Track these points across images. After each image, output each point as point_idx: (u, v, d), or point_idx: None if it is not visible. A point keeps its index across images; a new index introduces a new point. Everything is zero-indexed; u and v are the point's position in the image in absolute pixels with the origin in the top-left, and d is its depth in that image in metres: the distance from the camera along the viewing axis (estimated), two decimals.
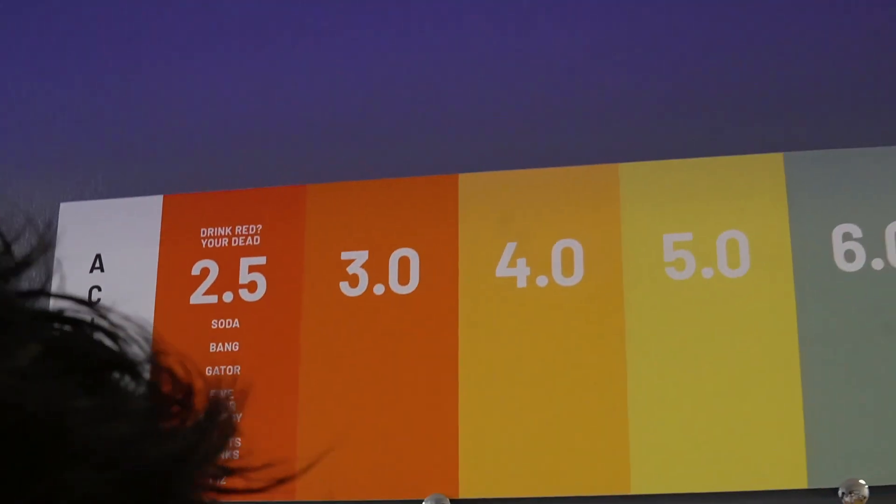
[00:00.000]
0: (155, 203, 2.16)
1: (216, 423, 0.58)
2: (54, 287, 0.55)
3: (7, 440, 0.47)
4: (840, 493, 1.84)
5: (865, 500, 1.82)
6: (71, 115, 2.32)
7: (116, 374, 0.56)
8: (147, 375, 0.57)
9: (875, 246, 1.92)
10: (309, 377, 2.00)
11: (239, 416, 0.58)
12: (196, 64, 2.31)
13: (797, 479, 1.85)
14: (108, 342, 0.57)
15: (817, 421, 1.87)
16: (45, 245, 0.56)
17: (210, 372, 0.58)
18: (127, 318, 0.55)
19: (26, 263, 0.55)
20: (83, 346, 0.57)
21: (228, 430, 0.59)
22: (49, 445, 0.48)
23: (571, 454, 1.90)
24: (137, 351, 0.58)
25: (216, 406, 0.57)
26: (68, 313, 0.56)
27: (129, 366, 0.57)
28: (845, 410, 1.88)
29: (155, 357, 0.58)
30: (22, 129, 2.33)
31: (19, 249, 0.55)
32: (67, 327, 0.55)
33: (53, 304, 0.55)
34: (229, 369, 2.00)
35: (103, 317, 0.56)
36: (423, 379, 1.97)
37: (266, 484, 0.61)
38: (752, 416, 1.89)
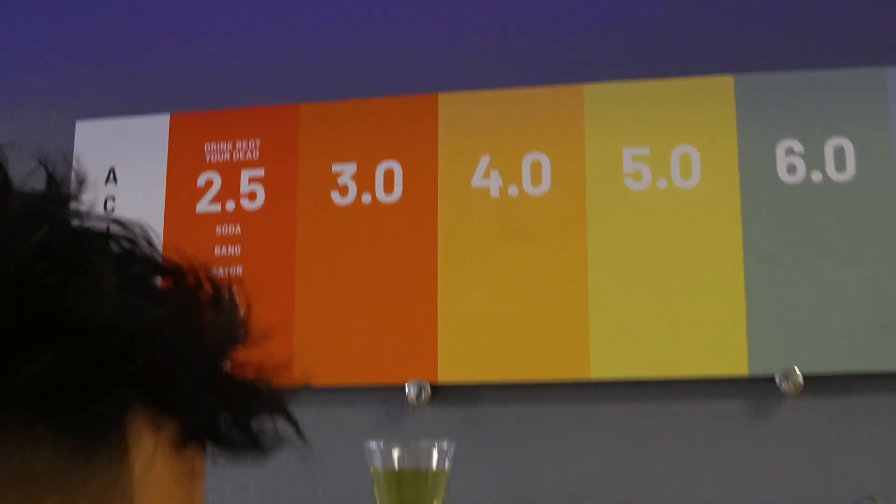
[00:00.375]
0: (162, 121, 2.35)
1: (241, 312, 0.77)
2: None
3: (112, 352, 0.65)
4: (777, 380, 2.05)
5: (801, 387, 2.02)
6: (85, 39, 2.49)
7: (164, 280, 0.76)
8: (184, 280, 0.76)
9: (814, 160, 2.12)
10: (303, 277, 2.20)
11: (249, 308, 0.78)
12: None
13: (738, 367, 2.07)
14: (154, 254, 0.75)
15: (758, 314, 2.08)
16: (82, 179, 0.73)
17: (216, 272, 0.79)
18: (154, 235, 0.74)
19: (75, 197, 0.72)
20: (140, 261, 0.75)
21: (248, 318, 0.79)
22: (142, 351, 0.67)
23: (537, 343, 2.11)
24: (172, 260, 0.77)
25: (235, 299, 0.77)
26: (119, 233, 0.74)
27: (173, 272, 0.76)
28: (783, 305, 2.08)
29: (188, 265, 0.77)
30: (39, 52, 2.50)
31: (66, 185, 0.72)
32: (126, 244, 0.74)
33: (104, 225, 0.73)
34: (232, 270, 2.20)
35: (145, 235, 0.74)
36: (406, 278, 2.17)
37: (285, 362, 0.81)
38: (698, 310, 2.10)
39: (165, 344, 0.67)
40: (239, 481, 2.11)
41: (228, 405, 0.74)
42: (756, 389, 2.08)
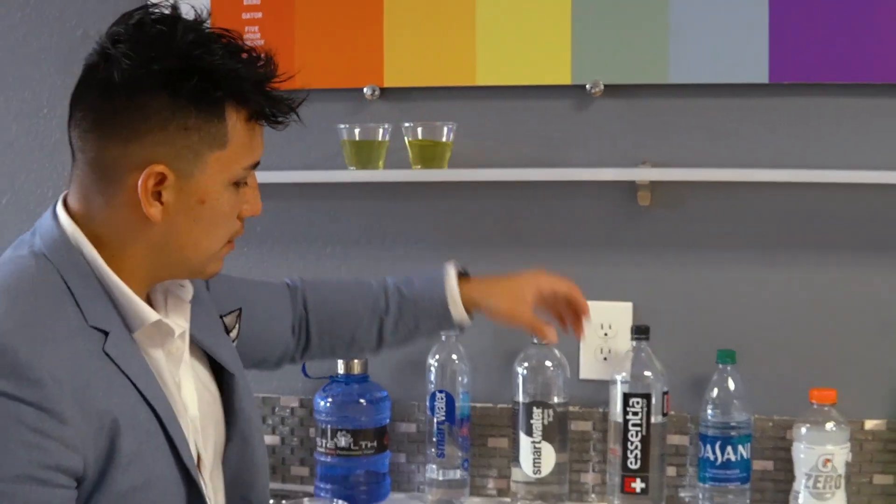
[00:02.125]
0: None
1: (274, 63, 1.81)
2: None
3: (224, 81, 1.74)
4: (588, 87, 3.00)
5: (602, 91, 3.04)
6: None
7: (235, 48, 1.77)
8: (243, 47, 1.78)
9: None
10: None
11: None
12: None
13: (564, 77, 2.97)
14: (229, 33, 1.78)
15: (580, 34, 2.92)
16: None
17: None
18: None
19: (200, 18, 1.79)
20: (225, 36, 1.78)
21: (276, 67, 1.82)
22: (231, 81, 1.75)
23: (427, 50, 3.02)
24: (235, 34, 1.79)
25: (270, 56, 1.81)
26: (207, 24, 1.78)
27: (238, 44, 1.78)
28: (601, 26, 2.92)
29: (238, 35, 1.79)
30: None
31: None
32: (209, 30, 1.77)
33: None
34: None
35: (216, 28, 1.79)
36: None
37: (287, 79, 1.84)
38: (546, 29, 2.94)
39: (240, 76, 1.72)
40: None
41: (272, 101, 1.79)
42: (574, 93, 3.01)
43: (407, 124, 2.99)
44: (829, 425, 2.82)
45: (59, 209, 1.81)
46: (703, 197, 3.01)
